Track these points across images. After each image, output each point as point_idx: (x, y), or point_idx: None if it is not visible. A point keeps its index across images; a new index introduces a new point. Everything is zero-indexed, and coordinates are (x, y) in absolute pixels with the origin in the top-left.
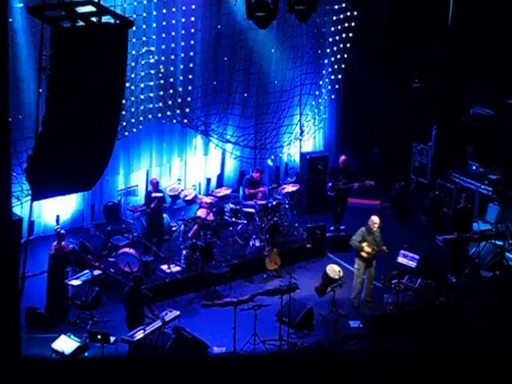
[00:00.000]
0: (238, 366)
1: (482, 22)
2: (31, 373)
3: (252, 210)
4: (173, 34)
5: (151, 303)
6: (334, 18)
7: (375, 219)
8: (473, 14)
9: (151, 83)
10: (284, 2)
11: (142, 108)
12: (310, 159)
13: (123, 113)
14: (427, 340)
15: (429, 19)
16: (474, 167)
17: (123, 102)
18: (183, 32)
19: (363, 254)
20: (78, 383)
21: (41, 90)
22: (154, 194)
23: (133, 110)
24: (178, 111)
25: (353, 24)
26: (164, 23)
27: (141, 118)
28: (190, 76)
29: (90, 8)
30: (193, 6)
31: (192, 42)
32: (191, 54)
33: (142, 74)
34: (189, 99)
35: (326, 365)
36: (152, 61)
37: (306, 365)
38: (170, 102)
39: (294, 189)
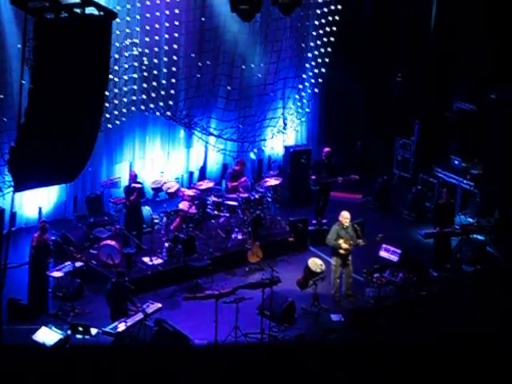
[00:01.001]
0: (218, 359)
1: (465, 17)
2: (12, 362)
3: (234, 203)
4: (156, 26)
5: (133, 295)
6: (318, 11)
7: (346, 214)
8: (456, 8)
9: (135, 75)
10: None
11: (125, 100)
12: (293, 153)
13: (106, 105)
14: (408, 334)
15: (412, 13)
16: (456, 162)
17: (106, 93)
18: (167, 24)
19: (341, 251)
20: (58, 373)
21: (24, 81)
22: (133, 185)
23: (116, 102)
24: (161, 104)
25: (337, 18)
26: (148, 15)
27: (124, 110)
28: (174, 68)
29: None
30: None
31: (176, 35)
32: (175, 46)
33: (126, 66)
34: (172, 92)
35: (306, 357)
36: (135, 53)
37: (287, 357)
38: (153, 95)
39: (276, 182)
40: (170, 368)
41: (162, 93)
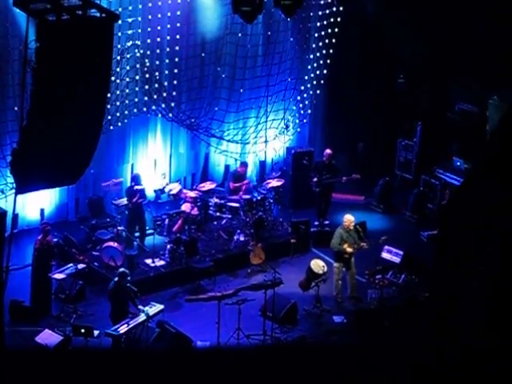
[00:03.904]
0: (221, 360)
1: (467, 18)
2: (15, 365)
3: (237, 205)
4: (158, 28)
5: (136, 298)
6: (320, 13)
7: (350, 218)
8: (457, 9)
9: (137, 77)
10: None
11: (127, 102)
12: (294, 154)
13: (108, 107)
14: (410, 335)
15: (413, 15)
16: (458, 163)
17: (108, 95)
18: (169, 26)
19: (346, 256)
20: (61, 375)
21: (25, 84)
22: (136, 187)
23: (118, 103)
24: (163, 105)
25: (338, 19)
26: (150, 17)
27: (126, 112)
28: (176, 70)
29: (75, 1)
30: (178, 0)
31: (178, 37)
32: (177, 48)
33: (128, 67)
34: (174, 93)
35: (309, 359)
36: (138, 55)
37: (289, 359)
38: (155, 96)
39: (278, 184)
40: (171, 370)
41: (164, 94)
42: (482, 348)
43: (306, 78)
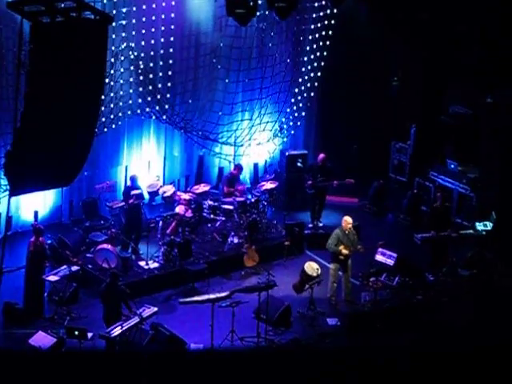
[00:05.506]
0: (215, 363)
1: (461, 20)
2: (8, 367)
3: (230, 207)
4: (152, 30)
5: (129, 299)
6: (314, 15)
7: (348, 219)
8: (451, 11)
9: (131, 79)
10: None
11: (121, 104)
12: (289, 156)
13: (102, 109)
14: (403, 338)
15: (408, 18)
16: (452, 166)
17: (102, 97)
18: (163, 28)
19: (341, 257)
20: (54, 377)
21: (19, 85)
22: (132, 192)
23: (112, 105)
24: (157, 107)
25: (332, 22)
26: (144, 19)
27: (120, 114)
28: (170, 72)
29: (69, 3)
30: (173, 3)
31: (172, 39)
32: (171, 50)
33: (122, 70)
34: (168, 96)
35: (302, 361)
36: (132, 57)
37: (283, 361)
38: (149, 99)
39: (272, 186)
40: (165, 372)
41: (158, 97)
42: None
43: (300, 80)
